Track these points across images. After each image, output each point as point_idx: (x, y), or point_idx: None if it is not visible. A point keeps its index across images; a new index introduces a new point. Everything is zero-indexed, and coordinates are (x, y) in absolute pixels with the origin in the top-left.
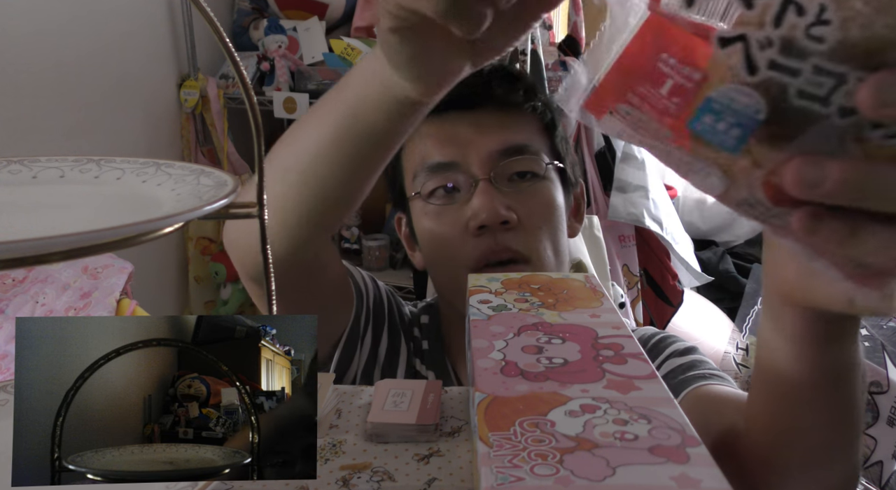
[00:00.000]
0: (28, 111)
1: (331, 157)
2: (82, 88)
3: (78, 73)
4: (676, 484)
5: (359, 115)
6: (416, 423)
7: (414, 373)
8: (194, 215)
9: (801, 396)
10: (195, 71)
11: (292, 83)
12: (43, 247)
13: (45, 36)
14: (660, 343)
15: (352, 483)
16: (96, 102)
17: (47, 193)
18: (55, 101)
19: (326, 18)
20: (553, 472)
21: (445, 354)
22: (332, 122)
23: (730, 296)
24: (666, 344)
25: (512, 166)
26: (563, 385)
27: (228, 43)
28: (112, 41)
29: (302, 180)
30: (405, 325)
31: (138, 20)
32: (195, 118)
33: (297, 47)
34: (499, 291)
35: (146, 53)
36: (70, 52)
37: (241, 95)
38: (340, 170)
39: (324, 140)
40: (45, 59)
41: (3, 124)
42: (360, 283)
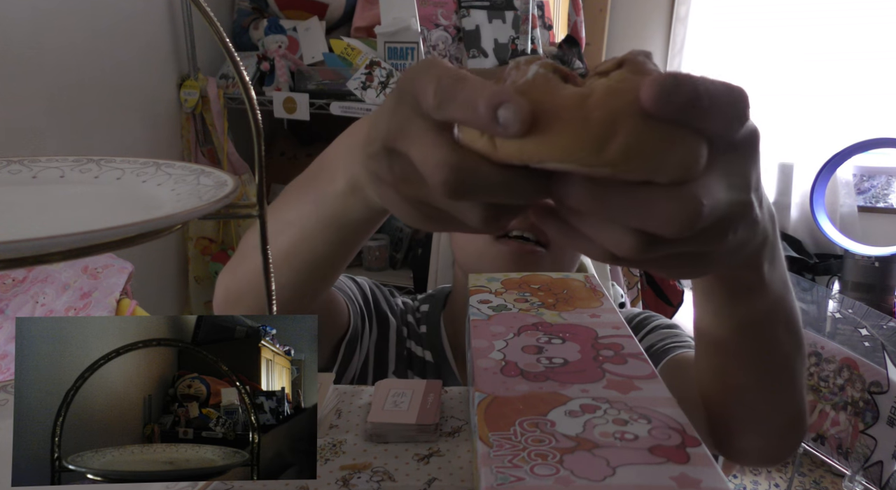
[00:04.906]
0: (28, 111)
1: (306, 258)
2: (82, 88)
3: (78, 73)
4: (676, 484)
5: (335, 227)
6: (416, 423)
7: (408, 354)
8: (194, 215)
9: (726, 350)
10: (195, 71)
11: (292, 83)
12: (43, 247)
13: (45, 36)
14: (643, 320)
15: (352, 483)
16: (96, 102)
17: (47, 193)
18: (55, 101)
19: (326, 18)
20: (553, 472)
21: (444, 339)
22: (305, 231)
23: None
24: (649, 321)
25: None
26: (563, 385)
27: (228, 43)
28: (112, 41)
29: (285, 270)
30: (394, 311)
31: (138, 20)
32: (195, 118)
33: (297, 47)
34: (499, 291)
35: (146, 53)
36: (70, 52)
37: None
38: (322, 259)
39: (295, 241)
40: (45, 58)
41: (3, 124)
42: (347, 290)
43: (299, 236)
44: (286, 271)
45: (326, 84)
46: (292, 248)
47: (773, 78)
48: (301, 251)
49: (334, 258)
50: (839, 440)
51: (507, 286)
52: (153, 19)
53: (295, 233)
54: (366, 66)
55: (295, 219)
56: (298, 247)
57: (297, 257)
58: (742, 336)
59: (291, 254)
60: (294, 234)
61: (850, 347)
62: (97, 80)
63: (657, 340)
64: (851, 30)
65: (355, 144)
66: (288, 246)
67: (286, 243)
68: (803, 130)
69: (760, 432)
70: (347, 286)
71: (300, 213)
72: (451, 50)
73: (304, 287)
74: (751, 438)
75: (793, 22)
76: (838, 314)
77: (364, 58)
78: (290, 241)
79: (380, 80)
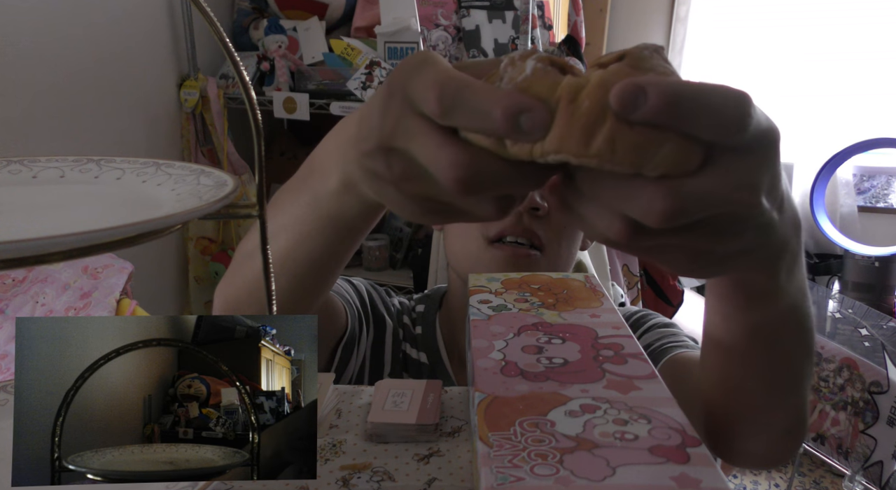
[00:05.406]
0: (28, 111)
1: (301, 260)
2: (82, 88)
3: (78, 73)
4: (676, 484)
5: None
6: (416, 423)
7: (403, 356)
8: (194, 215)
9: (736, 352)
10: (195, 71)
11: (292, 83)
12: (43, 247)
13: (45, 36)
14: (640, 319)
15: (352, 483)
16: (96, 102)
17: (47, 193)
18: (55, 101)
19: (326, 18)
20: (553, 472)
21: (439, 340)
22: (301, 231)
23: None
24: (646, 319)
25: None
26: (563, 385)
27: (228, 43)
28: (112, 41)
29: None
30: (391, 313)
31: (138, 20)
32: (195, 118)
33: (297, 47)
34: (499, 291)
35: (146, 53)
36: (70, 52)
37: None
38: (317, 263)
39: (291, 244)
40: (45, 59)
41: (3, 124)
42: (344, 294)
43: (296, 239)
44: (284, 275)
45: (326, 84)
46: (289, 252)
47: (772, 78)
48: (299, 254)
49: (332, 258)
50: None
51: (507, 286)
52: (153, 19)
53: (291, 236)
54: (366, 66)
55: (290, 222)
56: (296, 250)
57: (294, 261)
58: (753, 341)
59: (289, 257)
60: (290, 238)
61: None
62: (97, 80)
63: (655, 340)
64: (851, 30)
65: (345, 142)
66: (285, 250)
67: (283, 247)
68: (803, 130)
69: (762, 435)
70: (344, 289)
71: (294, 216)
72: (451, 50)
73: (302, 290)
74: (751, 441)
75: (793, 22)
76: (838, 314)
77: (364, 58)
78: (286, 244)
79: (380, 80)
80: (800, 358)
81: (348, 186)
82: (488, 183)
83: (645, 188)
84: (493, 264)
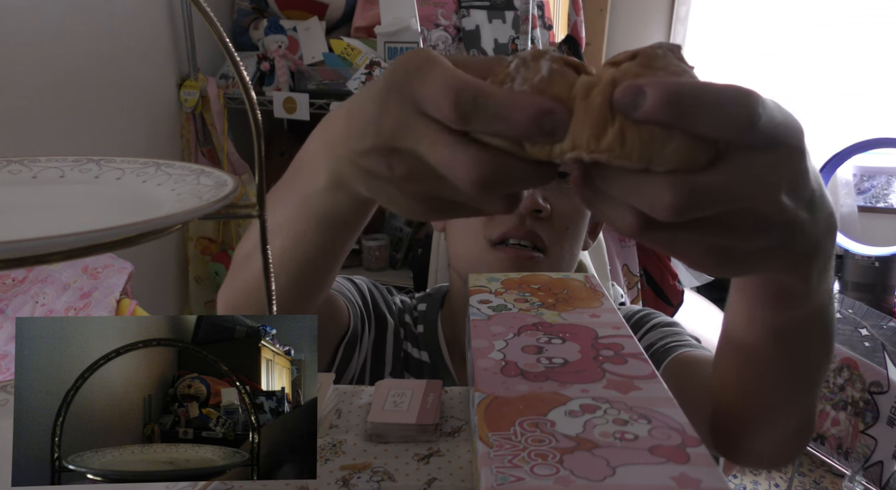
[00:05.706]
0: (28, 111)
1: (297, 259)
2: (82, 88)
3: (78, 73)
4: (676, 484)
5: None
6: (416, 423)
7: (404, 355)
8: (194, 215)
9: (758, 353)
10: (195, 71)
11: (292, 83)
12: (43, 247)
13: (45, 36)
14: (643, 318)
15: (352, 483)
16: (97, 102)
17: (47, 193)
18: (55, 101)
19: (326, 18)
20: (553, 472)
21: (441, 339)
22: (296, 230)
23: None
24: (648, 318)
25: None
26: (563, 385)
27: (228, 43)
28: (112, 41)
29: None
30: (392, 311)
31: (138, 20)
32: (195, 118)
33: (297, 47)
34: (499, 291)
35: (146, 53)
36: (70, 52)
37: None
38: (314, 259)
39: (286, 246)
40: (45, 59)
41: (3, 124)
42: (346, 292)
43: (291, 240)
44: (282, 276)
45: (326, 84)
46: (285, 253)
47: (772, 78)
48: (294, 255)
49: (329, 255)
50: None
51: (507, 286)
52: (153, 19)
53: (285, 237)
54: (366, 66)
55: (283, 223)
56: (291, 251)
57: (291, 261)
58: (775, 343)
59: (285, 258)
60: (285, 239)
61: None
62: (97, 80)
63: (657, 339)
64: (851, 30)
65: (334, 139)
66: (281, 250)
67: (278, 248)
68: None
69: (772, 436)
70: (346, 288)
71: (287, 217)
72: (451, 50)
73: (301, 290)
74: (760, 442)
75: (793, 22)
76: (838, 314)
77: (364, 58)
78: (281, 245)
79: None
80: (819, 360)
81: (339, 184)
82: (507, 182)
83: (653, 181)
84: (496, 266)
